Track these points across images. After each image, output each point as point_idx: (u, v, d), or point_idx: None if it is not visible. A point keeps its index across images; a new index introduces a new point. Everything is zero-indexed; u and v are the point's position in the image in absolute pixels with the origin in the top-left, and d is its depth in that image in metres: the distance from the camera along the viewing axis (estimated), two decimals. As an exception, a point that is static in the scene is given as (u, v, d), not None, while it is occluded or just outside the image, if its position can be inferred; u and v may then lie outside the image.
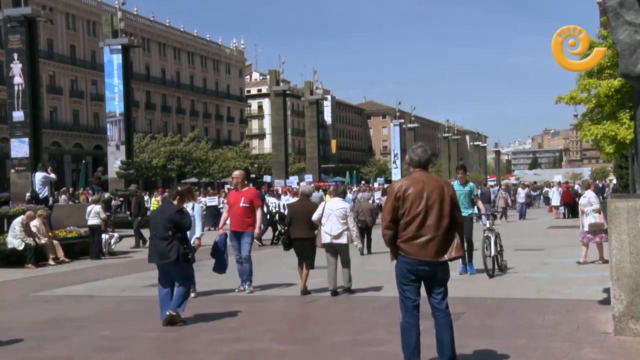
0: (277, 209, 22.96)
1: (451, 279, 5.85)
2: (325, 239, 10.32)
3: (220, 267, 10.24)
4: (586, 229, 13.47)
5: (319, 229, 10.41)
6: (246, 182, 12.13)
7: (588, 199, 13.85)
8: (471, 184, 12.68)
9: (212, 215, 25.29)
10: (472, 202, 12.34)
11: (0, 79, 50.27)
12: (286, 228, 11.22)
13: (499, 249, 12.20)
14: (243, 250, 10.91)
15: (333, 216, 10.28)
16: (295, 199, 26.97)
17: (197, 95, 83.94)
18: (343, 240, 10.32)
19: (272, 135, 55.11)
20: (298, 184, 41.11)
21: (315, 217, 10.42)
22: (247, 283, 11.04)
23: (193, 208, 10.36)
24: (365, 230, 16.50)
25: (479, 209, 12.74)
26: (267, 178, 47.53)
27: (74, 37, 66.41)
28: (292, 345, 7.24)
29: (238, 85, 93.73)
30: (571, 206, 31.98)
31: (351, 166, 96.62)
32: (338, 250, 10.45)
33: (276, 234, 21.00)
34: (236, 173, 11.53)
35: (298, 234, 10.58)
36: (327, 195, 25.55)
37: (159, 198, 27.46)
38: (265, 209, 22.81)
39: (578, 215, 32.09)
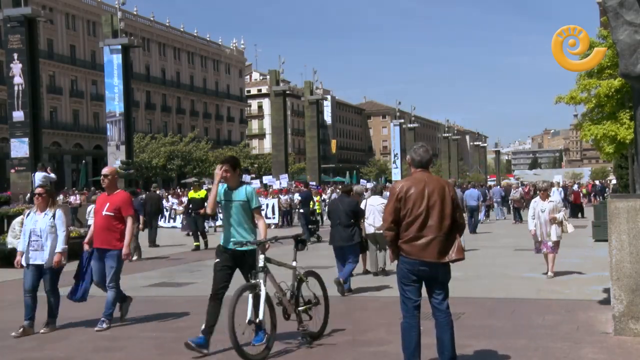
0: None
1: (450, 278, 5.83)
2: (369, 230, 12.19)
3: (75, 291, 8.57)
4: (554, 238, 11.66)
5: (362, 222, 11.67)
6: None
7: (555, 204, 11.93)
8: (249, 188, 7.10)
9: (192, 220, 20.10)
10: (253, 220, 7.09)
11: (0, 79, 50.28)
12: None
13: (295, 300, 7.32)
14: (107, 277, 8.33)
15: (375, 211, 12.33)
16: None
17: (197, 95, 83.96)
18: None
19: (272, 135, 55.09)
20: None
21: None
22: (103, 318, 8.27)
23: (54, 216, 8.25)
24: None
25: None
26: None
27: (74, 37, 66.44)
28: (292, 345, 7.23)
29: (238, 85, 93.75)
30: (578, 207, 32.06)
31: (351, 166, 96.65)
32: (378, 240, 12.33)
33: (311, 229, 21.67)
34: (105, 170, 8.66)
35: None
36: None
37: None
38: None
39: (578, 216, 31.97)
